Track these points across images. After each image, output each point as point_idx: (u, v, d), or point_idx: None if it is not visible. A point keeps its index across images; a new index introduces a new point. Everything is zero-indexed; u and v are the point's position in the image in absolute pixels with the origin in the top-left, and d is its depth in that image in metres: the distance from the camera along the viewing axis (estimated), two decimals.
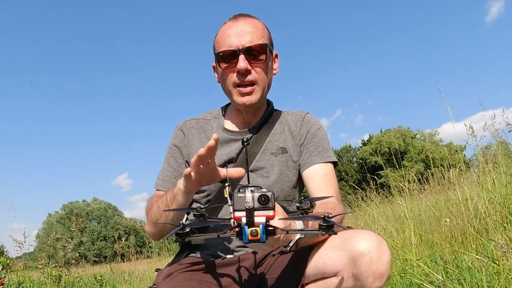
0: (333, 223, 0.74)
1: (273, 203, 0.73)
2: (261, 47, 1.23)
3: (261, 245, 0.84)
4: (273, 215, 0.73)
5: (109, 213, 44.90)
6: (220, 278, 1.17)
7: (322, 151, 1.29)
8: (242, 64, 1.20)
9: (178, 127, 1.39)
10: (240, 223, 0.73)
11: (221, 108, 1.44)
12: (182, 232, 0.76)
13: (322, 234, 0.75)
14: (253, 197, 0.72)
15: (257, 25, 1.25)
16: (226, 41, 1.22)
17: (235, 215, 0.73)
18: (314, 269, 1.05)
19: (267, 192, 0.73)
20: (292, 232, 0.79)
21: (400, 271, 2.12)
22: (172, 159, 1.35)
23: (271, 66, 1.31)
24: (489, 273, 1.76)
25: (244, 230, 0.72)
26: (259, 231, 0.71)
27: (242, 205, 0.72)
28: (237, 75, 1.23)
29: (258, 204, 0.72)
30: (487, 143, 3.66)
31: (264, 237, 0.72)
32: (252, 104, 1.26)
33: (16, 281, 4.54)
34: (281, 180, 1.27)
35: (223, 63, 1.24)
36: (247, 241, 0.72)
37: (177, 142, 1.36)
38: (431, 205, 3.06)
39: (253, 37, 1.22)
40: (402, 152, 29.17)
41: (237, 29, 1.23)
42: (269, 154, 1.29)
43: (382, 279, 0.96)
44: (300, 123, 1.34)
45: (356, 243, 0.98)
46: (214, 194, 1.27)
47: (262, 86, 1.26)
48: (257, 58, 1.23)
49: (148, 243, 6.24)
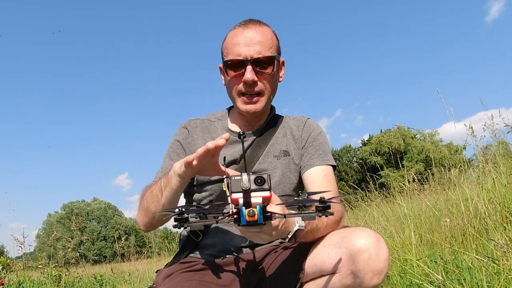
0: (329, 203, 0.75)
1: (269, 184, 0.74)
2: (269, 59, 1.23)
3: (260, 234, 0.84)
4: (269, 195, 0.74)
5: (109, 213, 44.91)
6: (220, 278, 1.17)
7: (322, 154, 1.30)
8: (249, 76, 1.21)
9: (183, 125, 1.40)
10: (238, 206, 0.74)
11: (226, 109, 1.45)
12: (181, 218, 0.77)
13: (319, 215, 0.76)
14: (249, 178, 0.74)
15: (266, 35, 1.25)
16: (235, 49, 1.23)
17: (232, 197, 0.74)
18: (313, 267, 1.06)
19: (263, 174, 0.75)
20: (289, 216, 0.79)
21: (400, 271, 2.12)
22: (174, 154, 1.35)
23: (278, 75, 1.32)
24: (489, 273, 1.76)
25: (242, 211, 0.73)
26: (256, 211, 0.73)
27: (239, 187, 0.74)
28: (243, 84, 1.24)
29: (255, 185, 0.74)
30: (487, 143, 3.65)
31: (261, 218, 0.73)
32: (256, 112, 1.28)
33: (16, 281, 4.54)
34: (283, 182, 1.29)
35: (230, 71, 1.25)
36: (245, 222, 0.73)
37: (180, 139, 1.37)
38: (431, 205, 3.06)
39: (261, 47, 1.22)
40: (402, 152, 29.18)
41: (246, 37, 1.23)
42: (271, 157, 1.30)
43: (380, 275, 0.97)
44: (302, 127, 1.36)
45: (354, 240, 0.99)
46: (216, 194, 1.28)
47: (268, 96, 1.28)
48: (265, 70, 1.24)
49: (148, 243, 6.23)
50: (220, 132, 1.35)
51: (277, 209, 0.80)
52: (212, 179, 1.27)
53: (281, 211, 0.81)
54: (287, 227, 0.89)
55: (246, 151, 1.29)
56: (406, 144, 30.39)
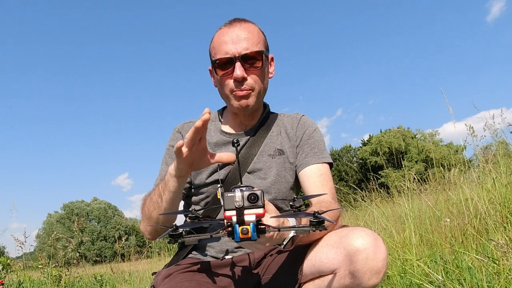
0: (323, 219, 0.75)
1: (263, 201, 0.74)
2: (257, 54, 1.23)
3: (254, 244, 0.83)
4: (262, 213, 0.74)
5: (109, 213, 44.91)
6: (219, 278, 1.17)
7: (317, 152, 1.29)
8: (239, 72, 1.21)
9: (176, 129, 1.40)
10: (231, 222, 0.74)
11: (217, 111, 1.45)
12: (175, 234, 0.77)
13: (313, 230, 0.76)
14: (242, 196, 0.73)
15: (252, 31, 1.26)
16: (222, 48, 1.23)
17: (225, 215, 0.74)
18: (311, 267, 1.05)
19: (256, 190, 0.74)
20: (283, 229, 0.79)
21: (400, 271, 2.12)
22: (170, 160, 1.36)
23: (267, 70, 1.32)
24: (489, 273, 1.76)
25: (235, 229, 0.73)
26: (249, 229, 0.72)
27: (232, 204, 0.73)
28: (234, 82, 1.24)
29: (248, 203, 0.73)
30: (487, 143, 3.65)
31: (255, 235, 0.73)
32: (248, 107, 1.27)
33: (16, 281, 4.54)
34: (278, 181, 1.28)
35: (220, 71, 1.25)
36: (239, 239, 0.73)
37: (174, 144, 1.35)
38: (431, 205, 3.06)
39: (248, 43, 1.22)
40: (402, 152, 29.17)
41: (232, 35, 1.23)
42: (266, 156, 1.29)
43: (378, 275, 0.96)
44: (296, 125, 1.36)
45: (352, 240, 0.98)
46: (212, 196, 1.28)
47: (258, 91, 1.27)
48: (253, 65, 1.24)
49: (148, 243, 6.24)
50: (213, 134, 1.35)
51: (271, 222, 0.79)
52: (207, 181, 1.27)
53: (275, 224, 0.80)
54: (282, 235, 0.88)
55: (240, 151, 1.28)
56: (406, 144, 30.39)
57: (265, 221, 0.78)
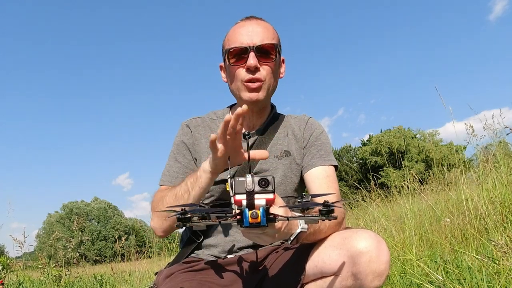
0: (333, 207, 0.75)
1: (273, 187, 0.74)
2: (271, 47, 1.25)
3: (262, 236, 0.83)
4: (273, 198, 0.74)
5: (109, 213, 44.89)
6: (221, 278, 1.17)
7: (324, 154, 1.30)
8: (252, 61, 1.22)
9: (184, 124, 1.39)
10: (241, 207, 0.74)
11: (227, 107, 1.44)
12: (184, 217, 0.77)
13: (323, 219, 0.76)
14: (253, 180, 0.73)
15: (268, 27, 1.29)
16: (237, 39, 1.25)
17: (235, 198, 0.74)
18: (313, 268, 1.06)
19: (267, 175, 0.74)
20: (292, 218, 0.79)
21: (400, 271, 2.12)
22: (180, 155, 1.34)
23: (279, 68, 1.33)
24: (489, 273, 1.76)
25: (245, 213, 0.73)
26: (259, 213, 0.72)
27: (242, 188, 0.73)
28: (246, 71, 1.24)
29: (258, 187, 0.74)
30: (487, 143, 3.65)
31: (264, 220, 0.73)
32: (258, 101, 1.27)
33: (16, 281, 4.54)
34: (284, 182, 1.29)
35: (232, 59, 1.26)
36: (248, 224, 0.72)
37: (185, 139, 1.35)
38: (431, 205, 3.06)
39: (264, 36, 1.24)
40: (402, 152, 29.17)
41: (248, 28, 1.26)
42: (273, 157, 1.30)
43: (381, 278, 0.97)
44: (304, 127, 1.36)
45: (355, 242, 0.98)
46: (217, 195, 1.27)
47: (268, 85, 1.27)
48: (267, 57, 1.25)
49: (148, 243, 6.24)
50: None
51: (281, 211, 0.80)
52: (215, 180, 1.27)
53: (284, 214, 0.80)
54: (290, 229, 0.88)
55: (249, 149, 1.28)
56: (406, 144, 30.39)
57: (274, 210, 0.78)
